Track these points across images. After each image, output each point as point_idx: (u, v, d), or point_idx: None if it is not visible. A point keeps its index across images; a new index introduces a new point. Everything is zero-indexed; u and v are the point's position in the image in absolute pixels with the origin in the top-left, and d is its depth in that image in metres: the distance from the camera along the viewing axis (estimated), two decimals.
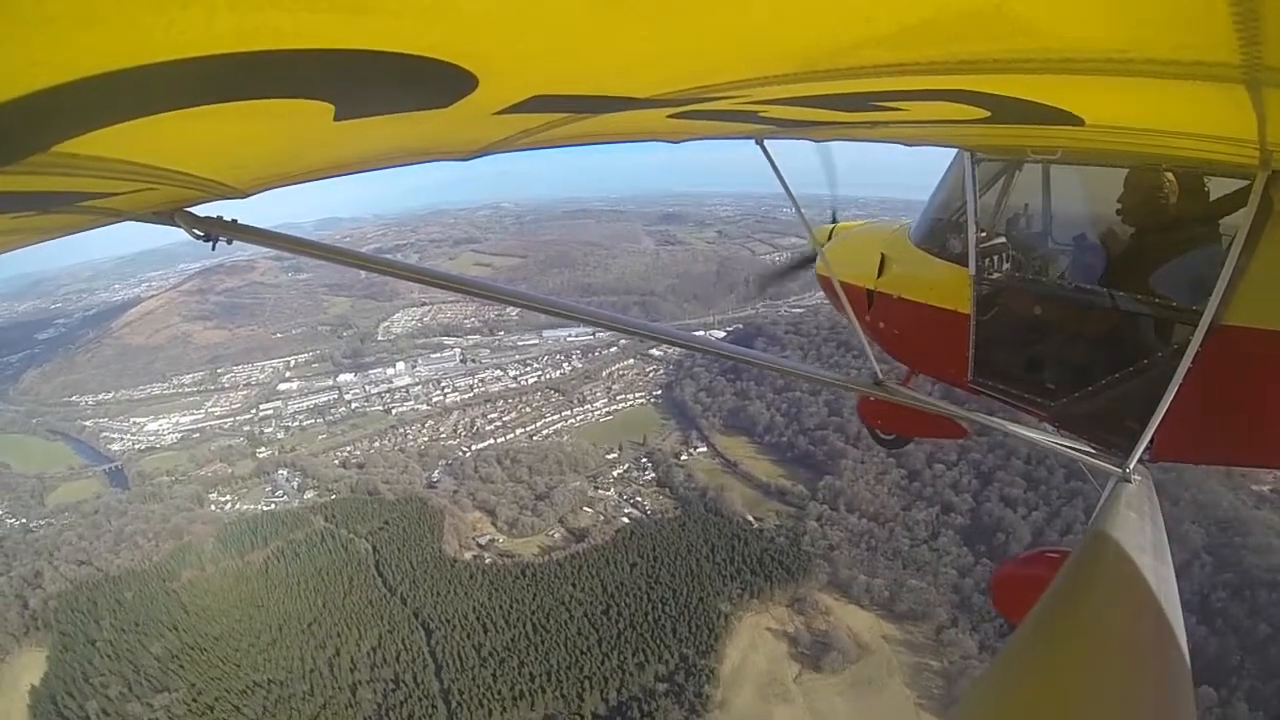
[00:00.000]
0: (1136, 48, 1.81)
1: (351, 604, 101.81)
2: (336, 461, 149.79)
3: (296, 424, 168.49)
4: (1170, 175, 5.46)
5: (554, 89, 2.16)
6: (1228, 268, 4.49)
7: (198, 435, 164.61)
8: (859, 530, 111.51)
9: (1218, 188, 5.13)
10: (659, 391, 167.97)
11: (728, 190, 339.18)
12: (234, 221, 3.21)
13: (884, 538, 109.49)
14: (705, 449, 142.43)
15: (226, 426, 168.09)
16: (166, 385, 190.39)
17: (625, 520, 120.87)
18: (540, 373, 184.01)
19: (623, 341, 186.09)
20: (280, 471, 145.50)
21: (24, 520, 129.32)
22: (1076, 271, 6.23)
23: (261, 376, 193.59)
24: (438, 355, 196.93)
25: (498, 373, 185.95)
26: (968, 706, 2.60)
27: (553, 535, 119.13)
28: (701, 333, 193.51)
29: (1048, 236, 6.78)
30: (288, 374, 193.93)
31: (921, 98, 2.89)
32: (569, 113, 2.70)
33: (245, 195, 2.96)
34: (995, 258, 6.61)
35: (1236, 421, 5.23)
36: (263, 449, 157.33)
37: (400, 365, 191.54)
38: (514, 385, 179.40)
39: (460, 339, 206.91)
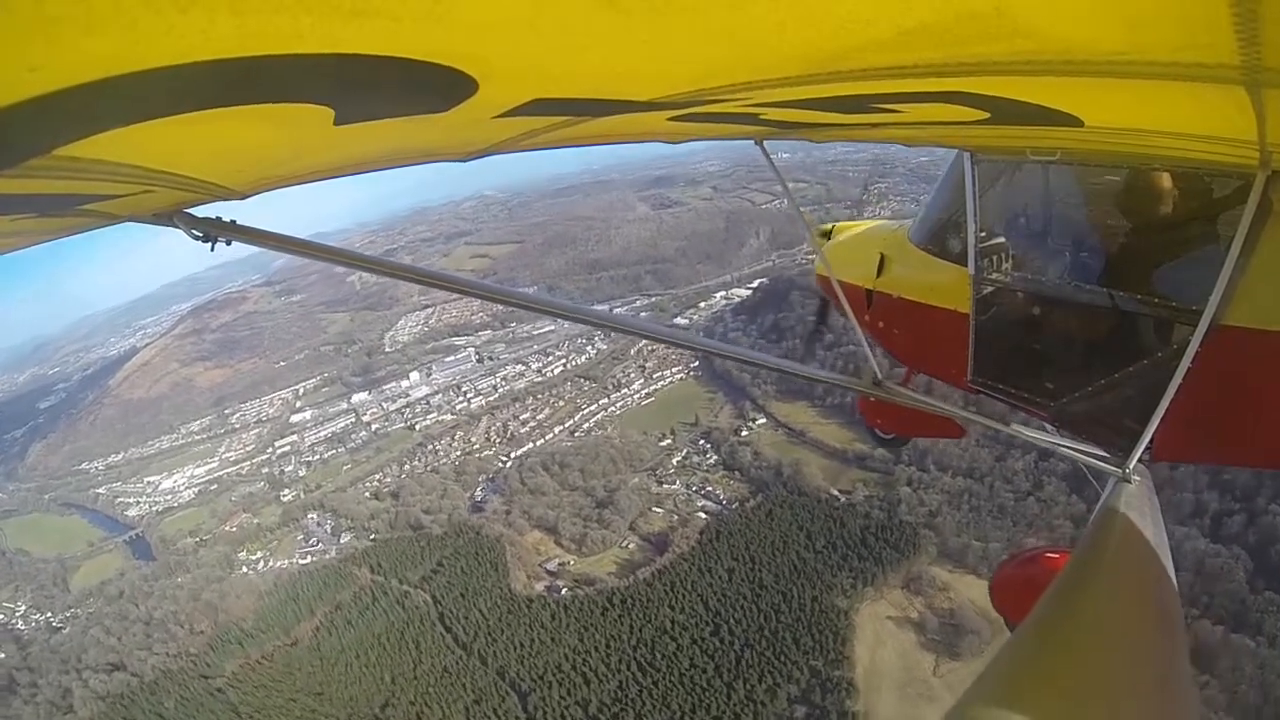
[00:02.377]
0: (1136, 49, 1.78)
1: (424, 674, 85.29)
2: (367, 494, 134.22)
3: (317, 457, 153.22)
4: (1170, 176, 5.15)
5: (554, 92, 2.12)
6: (1228, 268, 4.31)
7: (215, 486, 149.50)
8: (956, 490, 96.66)
9: (1217, 188, 4.90)
10: (695, 363, 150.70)
11: (708, 145, 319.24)
12: (233, 222, 3.07)
13: (985, 495, 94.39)
14: (764, 420, 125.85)
15: (244, 472, 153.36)
16: (175, 436, 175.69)
17: (703, 516, 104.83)
18: (565, 361, 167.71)
19: (643, 314, 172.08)
20: (310, 515, 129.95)
21: (48, 615, 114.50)
22: (1076, 271, 5.90)
23: (271, 411, 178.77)
24: (452, 358, 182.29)
25: (519, 367, 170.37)
26: (966, 706, 2.49)
27: (627, 546, 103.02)
28: (723, 293, 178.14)
29: (1047, 237, 6.36)
30: (298, 404, 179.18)
31: (920, 100, 2.82)
32: (569, 115, 2.65)
33: (244, 197, 2.88)
34: (995, 258, 6.26)
35: (1236, 421, 4.96)
36: (286, 491, 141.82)
37: (414, 375, 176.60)
38: (540, 379, 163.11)
39: (471, 337, 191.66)
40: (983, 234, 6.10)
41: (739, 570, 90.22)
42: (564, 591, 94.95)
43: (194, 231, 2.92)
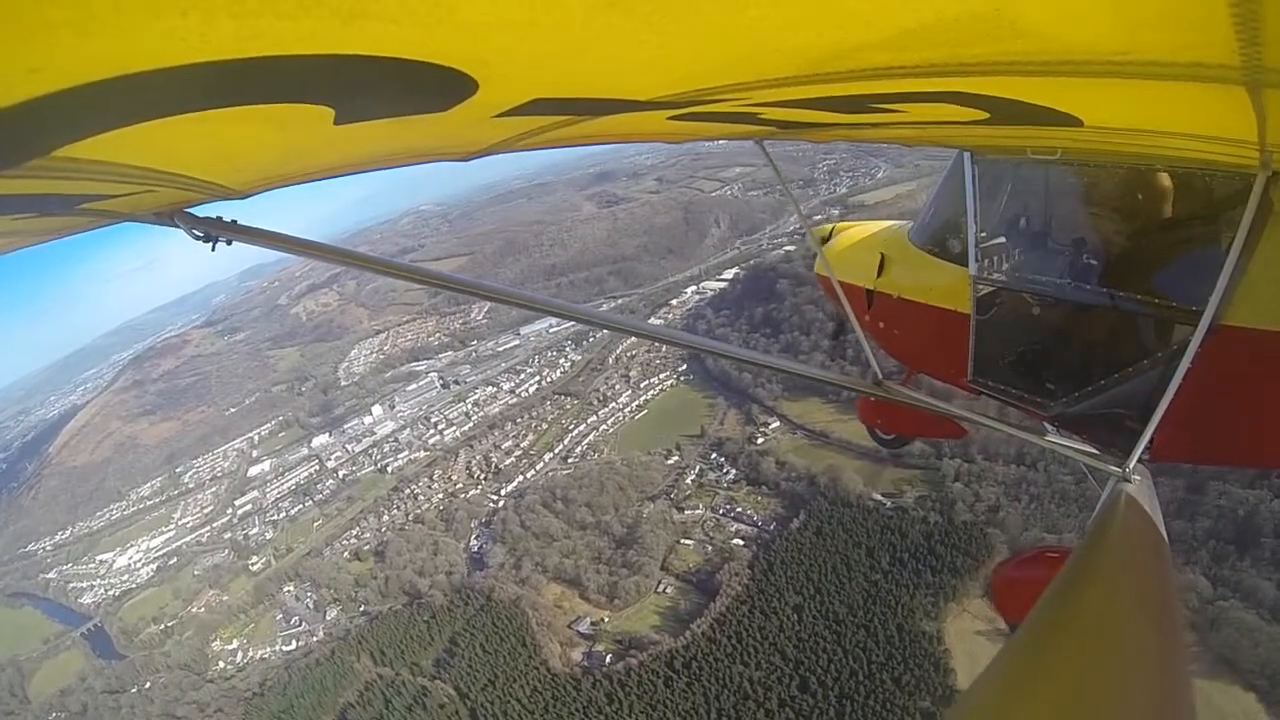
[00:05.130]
0: (1136, 49, 1.75)
1: None
2: (346, 554, 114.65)
3: (283, 514, 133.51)
4: (1170, 176, 4.99)
5: (554, 92, 2.09)
6: (1228, 268, 4.19)
7: (175, 560, 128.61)
8: (1011, 479, 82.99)
9: (1217, 188, 4.77)
10: (684, 366, 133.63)
11: None
12: (234, 222, 2.98)
13: (1043, 481, 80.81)
14: (778, 424, 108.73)
15: (205, 540, 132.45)
16: (125, 504, 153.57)
17: (740, 543, 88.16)
18: (538, 377, 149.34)
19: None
20: (286, 589, 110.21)
21: None
22: (1076, 272, 5.60)
23: (226, 465, 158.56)
24: (414, 386, 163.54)
25: (490, 390, 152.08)
26: (965, 707, 2.47)
27: (665, 591, 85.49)
28: (694, 288, 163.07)
29: (1047, 237, 6.08)
30: (255, 454, 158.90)
31: (921, 100, 2.78)
32: (569, 115, 2.62)
33: (244, 197, 2.84)
34: (995, 258, 6.07)
35: (1236, 422, 4.88)
36: (254, 559, 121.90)
37: (377, 409, 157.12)
38: (515, 400, 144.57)
39: (432, 360, 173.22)
40: (983, 234, 5.91)
41: (808, 606, 74.52)
42: (609, 660, 76.87)
43: (194, 231, 2.84)
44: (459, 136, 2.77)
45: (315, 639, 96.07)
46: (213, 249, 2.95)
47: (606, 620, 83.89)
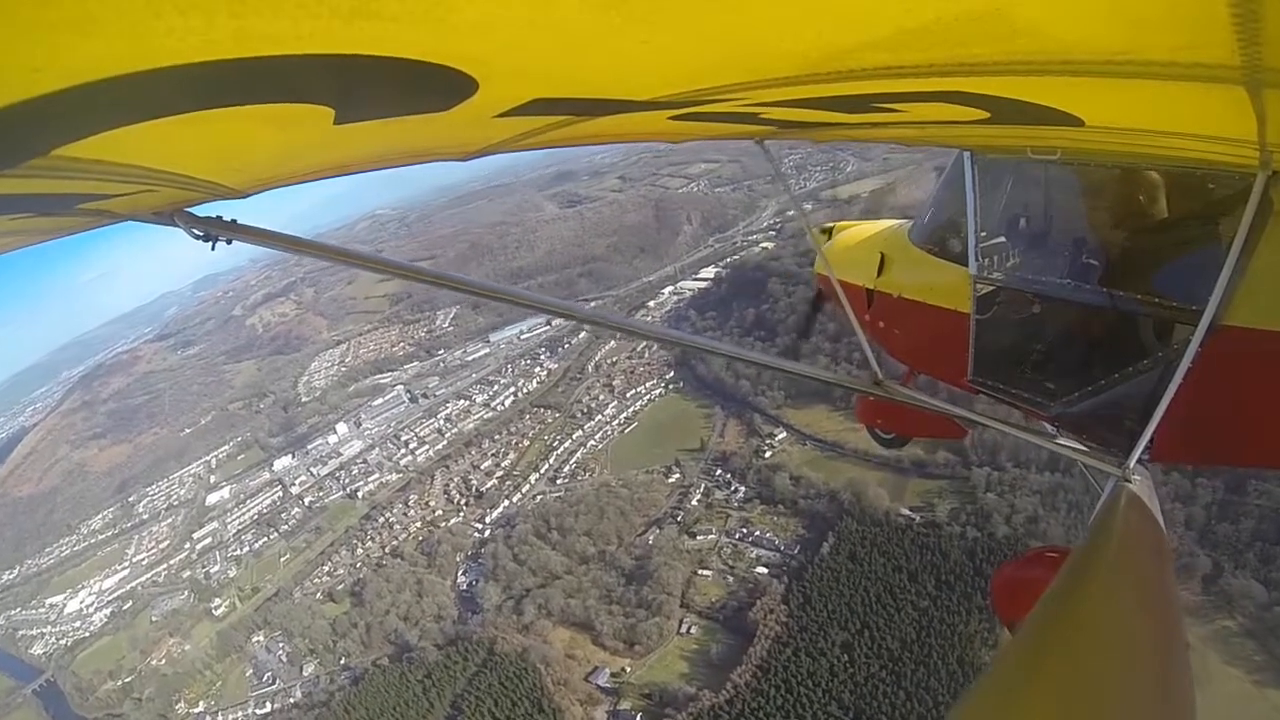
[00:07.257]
0: (1136, 49, 1.73)
1: None
2: (319, 595, 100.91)
3: (246, 549, 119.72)
4: (1170, 176, 4.98)
5: (554, 92, 2.05)
6: (1228, 268, 4.09)
7: (130, 603, 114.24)
8: (1046, 487, 75.39)
9: (1217, 188, 4.73)
10: (671, 373, 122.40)
11: None
12: (233, 221, 2.96)
13: (1080, 489, 71.19)
14: (784, 434, 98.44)
15: (161, 579, 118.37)
16: (75, 538, 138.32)
17: (763, 572, 78.07)
18: (513, 388, 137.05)
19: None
20: (255, 638, 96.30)
21: None
22: (1076, 271, 5.52)
23: (183, 492, 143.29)
24: (380, 401, 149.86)
25: (462, 403, 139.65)
26: (967, 707, 2.43)
27: (689, 631, 74.96)
28: (671, 288, 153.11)
29: (1048, 236, 6.04)
30: (213, 479, 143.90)
31: (921, 99, 2.73)
32: (569, 115, 2.56)
33: (244, 196, 2.78)
34: (995, 257, 5.91)
35: (1236, 422, 4.77)
36: (217, 601, 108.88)
37: (342, 427, 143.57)
38: (490, 414, 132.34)
39: (398, 372, 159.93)
40: (983, 234, 5.79)
41: (858, 644, 65.71)
42: None
43: (194, 231, 2.83)
44: (458, 136, 2.73)
45: (292, 701, 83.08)
46: (212, 248, 2.91)
47: (628, 670, 73.05)
